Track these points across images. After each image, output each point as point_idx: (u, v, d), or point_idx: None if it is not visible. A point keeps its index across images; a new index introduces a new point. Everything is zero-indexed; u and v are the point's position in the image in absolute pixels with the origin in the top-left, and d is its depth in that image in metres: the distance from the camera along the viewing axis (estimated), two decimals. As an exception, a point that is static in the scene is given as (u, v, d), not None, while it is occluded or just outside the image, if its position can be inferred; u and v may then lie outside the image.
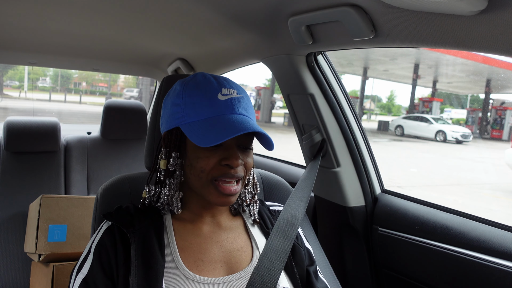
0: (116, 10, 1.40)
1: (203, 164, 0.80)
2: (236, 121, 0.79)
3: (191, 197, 0.88)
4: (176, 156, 0.85)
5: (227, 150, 0.81)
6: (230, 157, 0.80)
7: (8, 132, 2.07)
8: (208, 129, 0.78)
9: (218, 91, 0.82)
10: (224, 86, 0.83)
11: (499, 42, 0.79)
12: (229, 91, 0.83)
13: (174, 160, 0.85)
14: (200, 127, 0.79)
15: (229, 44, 1.64)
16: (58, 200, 1.67)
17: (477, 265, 1.13)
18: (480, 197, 7.17)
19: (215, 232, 0.89)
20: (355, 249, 1.55)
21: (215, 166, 0.80)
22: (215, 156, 0.80)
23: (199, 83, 0.83)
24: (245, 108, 0.84)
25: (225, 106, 0.81)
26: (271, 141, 0.82)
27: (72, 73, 30.50)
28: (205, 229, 0.88)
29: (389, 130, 18.25)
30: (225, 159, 0.80)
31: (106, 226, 0.84)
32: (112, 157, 2.36)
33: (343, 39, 1.13)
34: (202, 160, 0.80)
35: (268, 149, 0.84)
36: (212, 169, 0.80)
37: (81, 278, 0.78)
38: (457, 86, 21.12)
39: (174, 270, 0.80)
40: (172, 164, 0.85)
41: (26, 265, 1.84)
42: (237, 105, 0.82)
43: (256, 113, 10.35)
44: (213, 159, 0.80)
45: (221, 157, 0.80)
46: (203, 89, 0.82)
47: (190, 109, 0.82)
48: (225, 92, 0.82)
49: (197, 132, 0.79)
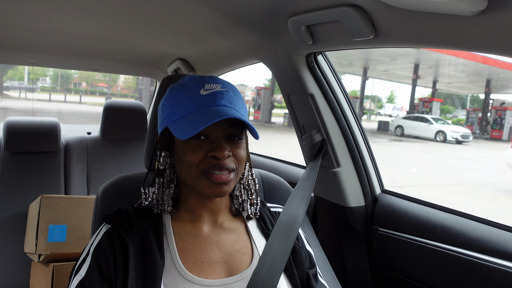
0: (116, 10, 1.40)
1: (190, 158, 0.81)
2: (216, 111, 0.79)
3: (188, 195, 0.88)
4: (166, 155, 0.87)
5: (213, 142, 0.81)
6: (216, 148, 0.80)
7: (8, 132, 2.07)
8: (190, 122, 0.79)
9: (200, 87, 0.83)
10: (208, 82, 0.85)
11: (499, 42, 0.79)
12: (212, 86, 0.84)
13: (164, 159, 0.87)
14: (183, 122, 0.81)
15: (229, 44, 1.64)
16: (58, 200, 1.67)
17: (477, 265, 1.13)
18: (480, 197, 7.17)
19: (214, 232, 0.88)
20: (355, 249, 1.55)
21: (203, 159, 0.81)
22: (201, 149, 0.81)
23: (184, 84, 0.86)
24: (229, 100, 0.84)
25: (207, 99, 0.82)
26: (253, 129, 0.82)
27: (72, 73, 30.52)
28: (205, 229, 0.88)
29: (389, 130, 18.25)
30: (212, 151, 0.80)
31: (105, 229, 0.84)
32: (112, 157, 2.36)
33: (343, 39, 1.13)
34: (189, 154, 0.81)
35: (254, 137, 0.85)
36: (200, 161, 0.81)
37: (78, 280, 0.78)
38: (457, 86, 21.14)
39: (174, 272, 0.80)
40: (162, 163, 0.87)
41: (26, 265, 1.84)
42: (219, 97, 0.83)
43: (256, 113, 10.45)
44: (200, 152, 0.81)
45: (208, 149, 0.81)
46: (187, 87, 0.84)
47: (175, 107, 0.84)
48: (208, 87, 0.84)
49: (180, 127, 0.80)
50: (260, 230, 0.95)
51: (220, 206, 0.91)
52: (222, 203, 0.91)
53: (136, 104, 2.43)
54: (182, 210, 0.89)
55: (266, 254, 0.87)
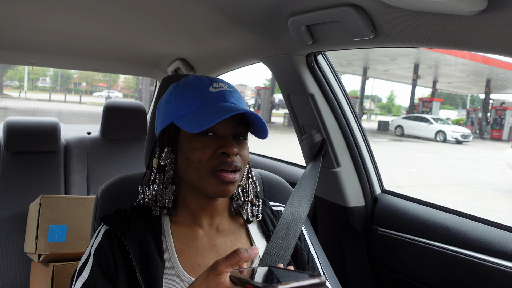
0: (116, 10, 1.40)
1: (199, 155, 0.80)
2: (228, 107, 0.80)
3: (189, 195, 0.87)
4: (168, 151, 0.85)
5: (222, 139, 0.81)
6: (226, 144, 0.79)
7: (8, 132, 2.07)
8: (201, 117, 0.79)
9: (209, 85, 0.84)
10: (215, 81, 0.86)
11: (499, 42, 0.79)
12: (220, 85, 0.85)
13: (166, 154, 0.85)
14: (193, 116, 0.80)
15: (229, 44, 1.64)
16: (58, 200, 1.67)
17: (477, 265, 1.13)
18: (480, 197, 7.16)
19: (212, 235, 0.87)
20: (355, 249, 1.55)
21: (212, 156, 0.80)
22: (210, 146, 0.80)
23: (191, 81, 0.86)
24: (237, 99, 0.85)
25: (217, 96, 0.83)
26: (265, 125, 0.82)
27: (72, 73, 30.51)
28: (202, 232, 0.87)
29: (389, 130, 18.25)
30: (221, 147, 0.79)
31: (104, 230, 0.84)
32: (112, 157, 2.36)
33: (343, 39, 1.13)
34: (198, 151, 0.80)
35: (263, 137, 0.84)
36: (210, 159, 0.80)
37: (82, 282, 0.78)
38: (457, 86, 21.13)
39: (173, 274, 0.79)
40: (164, 159, 0.85)
41: (26, 265, 1.84)
42: (228, 95, 0.84)
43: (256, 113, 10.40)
44: (209, 149, 0.80)
45: (217, 146, 0.80)
46: (194, 85, 0.85)
47: (183, 103, 0.83)
48: (216, 85, 0.85)
49: (191, 121, 0.80)
50: (260, 232, 0.94)
51: (219, 208, 0.89)
52: (221, 205, 0.90)
53: (136, 104, 2.43)
54: (180, 212, 0.88)
55: (267, 255, 0.86)
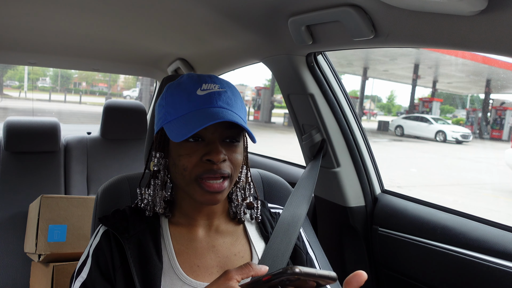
0: (116, 10, 1.39)
1: (185, 162, 0.78)
2: (212, 113, 0.76)
3: (183, 199, 0.87)
4: (160, 156, 0.84)
5: (208, 145, 0.78)
6: (211, 151, 0.77)
7: (8, 132, 2.07)
8: (184, 124, 0.76)
9: (198, 87, 0.80)
10: (205, 82, 0.81)
11: (499, 42, 0.79)
12: (210, 86, 0.80)
13: (159, 160, 0.84)
14: (178, 123, 0.78)
15: (229, 44, 1.64)
16: (58, 200, 1.67)
17: (477, 265, 1.13)
18: (480, 197, 7.17)
19: (210, 236, 0.87)
20: (355, 249, 1.55)
21: (198, 163, 0.78)
22: (196, 153, 0.78)
23: (182, 82, 0.82)
24: (227, 101, 0.80)
25: (204, 100, 0.79)
26: (251, 134, 0.79)
27: (72, 73, 30.53)
28: (201, 233, 0.86)
29: (389, 130, 18.25)
30: (207, 154, 0.77)
31: (102, 230, 0.84)
32: (112, 157, 2.36)
33: (343, 39, 1.13)
34: (184, 158, 0.78)
35: (252, 141, 0.82)
36: (195, 166, 0.78)
37: (81, 282, 0.78)
38: (457, 86, 21.14)
39: (172, 275, 0.79)
40: (157, 164, 0.85)
41: (26, 265, 1.84)
42: (216, 98, 0.79)
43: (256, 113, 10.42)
44: (195, 156, 0.78)
45: (203, 152, 0.78)
46: (183, 87, 0.81)
47: (171, 107, 0.81)
48: (205, 87, 0.80)
49: (175, 128, 0.78)
50: (259, 233, 0.93)
51: (216, 210, 0.89)
52: (219, 207, 0.89)
53: (136, 104, 2.43)
54: (177, 213, 0.88)
55: (266, 256, 0.86)
